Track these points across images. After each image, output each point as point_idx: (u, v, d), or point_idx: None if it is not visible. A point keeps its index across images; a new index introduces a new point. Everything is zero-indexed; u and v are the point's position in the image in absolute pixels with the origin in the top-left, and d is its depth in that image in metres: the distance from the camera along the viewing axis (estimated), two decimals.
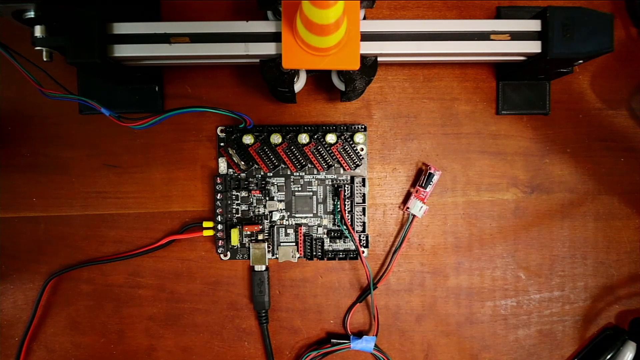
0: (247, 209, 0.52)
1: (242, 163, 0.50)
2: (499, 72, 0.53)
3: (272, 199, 0.52)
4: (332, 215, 0.52)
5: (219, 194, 0.50)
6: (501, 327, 0.54)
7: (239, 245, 0.52)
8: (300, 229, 0.52)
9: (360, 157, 0.51)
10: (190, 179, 0.53)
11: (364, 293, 0.53)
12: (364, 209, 0.51)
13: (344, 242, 0.52)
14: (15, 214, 0.52)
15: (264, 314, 0.52)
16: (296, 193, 0.52)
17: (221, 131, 0.52)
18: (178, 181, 0.52)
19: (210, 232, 0.51)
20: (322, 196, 0.52)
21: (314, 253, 0.51)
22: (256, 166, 0.52)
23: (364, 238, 0.52)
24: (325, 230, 0.52)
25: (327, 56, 0.41)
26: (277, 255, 0.52)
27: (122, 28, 0.42)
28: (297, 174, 0.52)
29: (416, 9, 0.53)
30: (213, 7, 0.52)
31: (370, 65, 0.43)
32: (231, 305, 0.53)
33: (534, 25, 0.43)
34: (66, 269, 0.52)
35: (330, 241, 0.52)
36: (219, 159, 0.52)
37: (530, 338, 0.54)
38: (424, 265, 0.53)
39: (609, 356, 0.52)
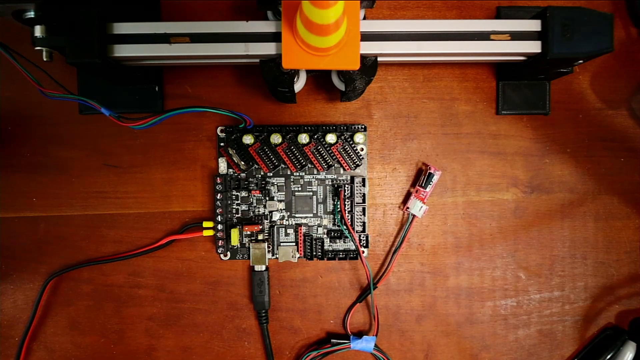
0: (247, 209, 0.52)
1: (242, 163, 0.50)
2: (499, 72, 0.53)
3: (272, 199, 0.52)
4: (332, 215, 0.52)
5: (219, 194, 0.50)
6: (501, 327, 0.54)
7: (239, 245, 0.52)
8: (300, 229, 0.52)
9: (360, 157, 0.51)
10: (190, 179, 0.53)
11: (364, 293, 0.53)
12: (364, 209, 0.51)
13: (344, 242, 0.52)
14: (15, 214, 0.52)
15: (264, 314, 0.52)
16: (296, 193, 0.52)
17: (221, 131, 0.52)
18: (178, 181, 0.53)
19: (210, 232, 0.51)
20: (322, 196, 0.52)
21: (314, 253, 0.51)
22: (256, 166, 0.52)
23: (364, 238, 0.52)
24: (325, 230, 0.52)
25: (327, 56, 0.41)
26: (277, 255, 0.52)
27: (122, 28, 0.42)
28: (297, 174, 0.52)
29: (416, 9, 0.53)
30: (213, 7, 0.52)
31: (370, 65, 0.43)
32: (231, 305, 0.53)
33: (534, 25, 0.43)
34: (66, 269, 0.52)
35: (330, 241, 0.52)
36: (219, 159, 0.52)
37: (530, 338, 0.54)
38: (424, 265, 0.53)
39: (609, 356, 0.52)
